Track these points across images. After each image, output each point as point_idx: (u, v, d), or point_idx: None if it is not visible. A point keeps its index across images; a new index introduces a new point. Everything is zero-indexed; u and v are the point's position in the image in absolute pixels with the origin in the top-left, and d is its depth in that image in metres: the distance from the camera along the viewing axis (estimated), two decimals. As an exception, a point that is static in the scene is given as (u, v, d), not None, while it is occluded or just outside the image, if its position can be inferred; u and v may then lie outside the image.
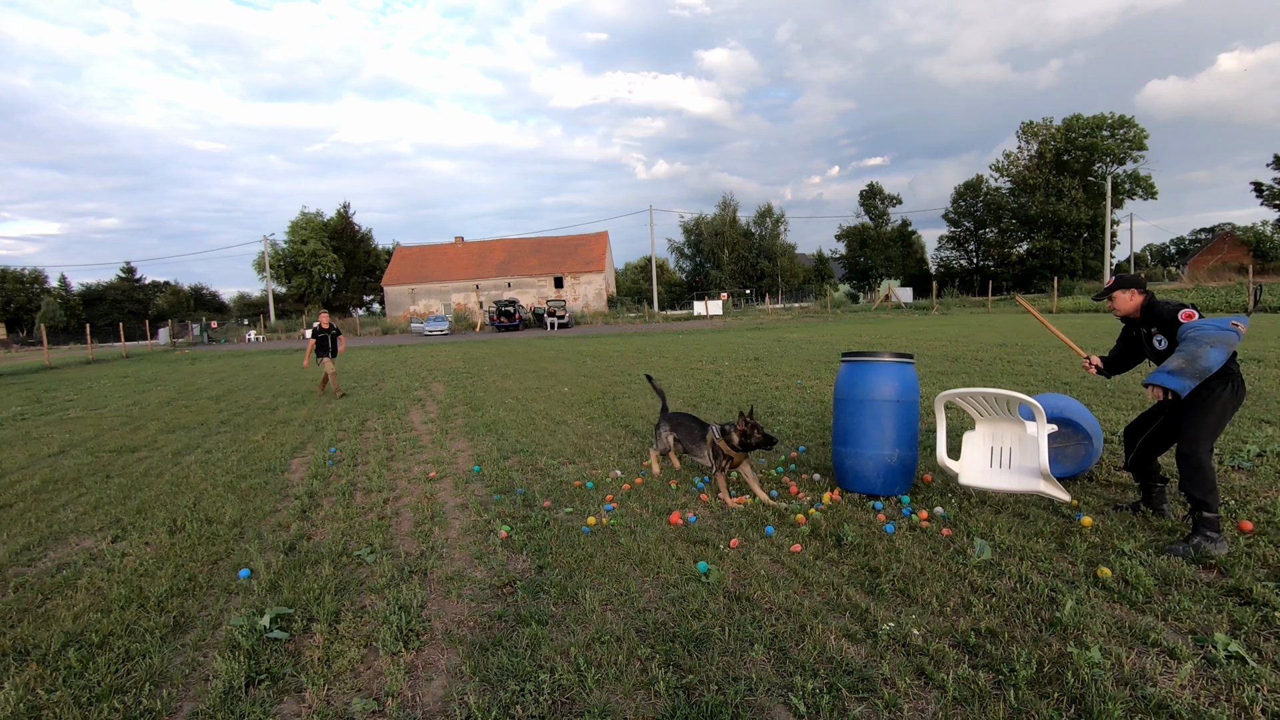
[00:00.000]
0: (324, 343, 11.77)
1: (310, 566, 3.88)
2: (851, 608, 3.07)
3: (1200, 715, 2.21)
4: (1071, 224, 55.00)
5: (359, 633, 3.08)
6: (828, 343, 18.59)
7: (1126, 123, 55.07)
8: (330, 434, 8.12)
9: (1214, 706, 2.25)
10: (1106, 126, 55.24)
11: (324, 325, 11.87)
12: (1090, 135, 55.02)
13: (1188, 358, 3.43)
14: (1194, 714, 2.22)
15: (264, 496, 5.46)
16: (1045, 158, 56.81)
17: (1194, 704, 2.27)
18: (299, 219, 64.62)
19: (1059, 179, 55.53)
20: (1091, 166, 55.70)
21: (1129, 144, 55.04)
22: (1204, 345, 3.42)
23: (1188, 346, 3.47)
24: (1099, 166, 55.55)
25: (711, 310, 49.38)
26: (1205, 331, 3.46)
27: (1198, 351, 3.41)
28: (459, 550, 4.07)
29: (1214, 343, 3.41)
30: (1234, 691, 2.33)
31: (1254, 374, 8.84)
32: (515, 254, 61.76)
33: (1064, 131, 56.15)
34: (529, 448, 6.74)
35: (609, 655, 2.76)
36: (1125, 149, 55.17)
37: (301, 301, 63.65)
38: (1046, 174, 56.18)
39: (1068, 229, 55.53)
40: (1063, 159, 56.19)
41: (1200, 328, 3.51)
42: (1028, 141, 58.54)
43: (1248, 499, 4.18)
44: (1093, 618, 2.85)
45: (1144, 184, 55.90)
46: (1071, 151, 55.87)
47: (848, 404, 4.68)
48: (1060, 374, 9.85)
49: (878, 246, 64.29)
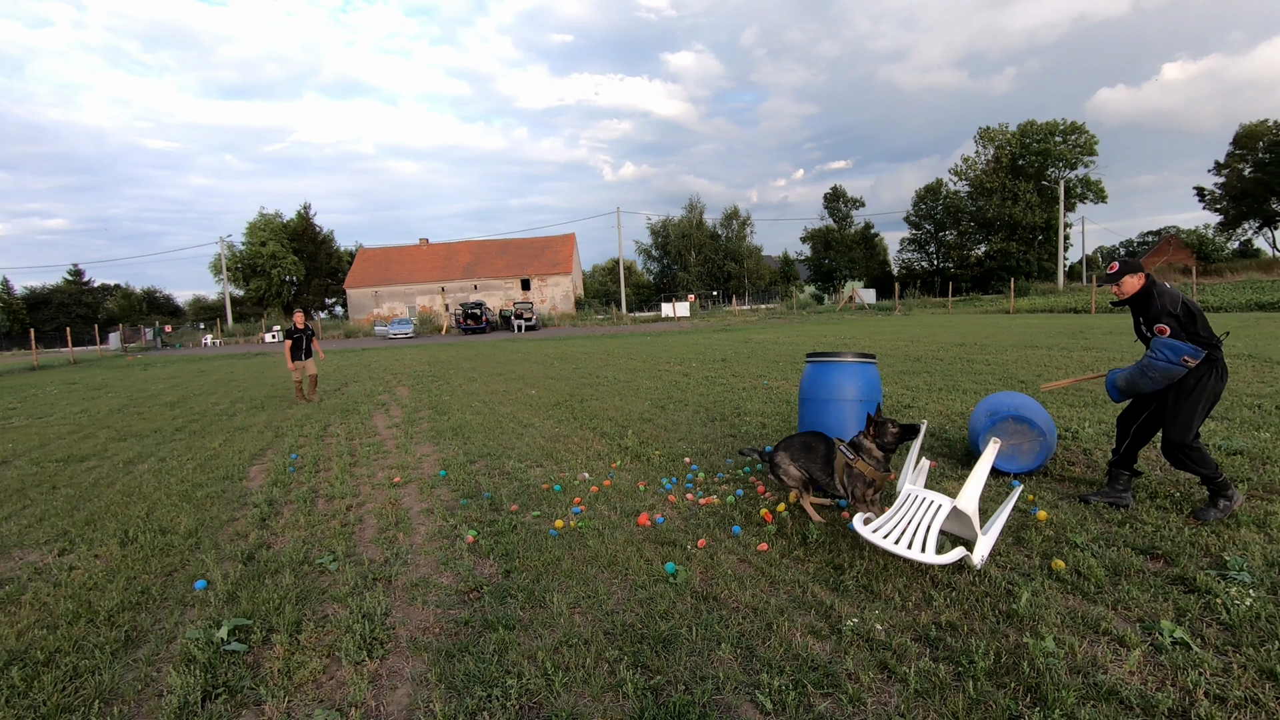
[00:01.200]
0: (298, 344, 11.23)
1: (270, 576, 3.78)
2: (817, 605, 3.12)
3: (1148, 700, 2.29)
4: (1027, 227, 56.64)
5: (321, 642, 3.02)
6: (794, 343, 18.81)
7: (1078, 129, 56.95)
8: (291, 440, 7.93)
9: (1160, 691, 2.34)
10: (1059, 132, 57.05)
11: (298, 325, 11.28)
12: (1044, 141, 56.76)
13: (1132, 383, 3.97)
14: (1142, 699, 2.30)
15: (221, 505, 5.32)
16: (1002, 162, 58.39)
17: (1142, 689, 2.36)
18: (257, 220, 63.05)
19: (1015, 183, 57.13)
20: (1045, 171, 57.43)
21: (1080, 149, 56.92)
22: (1146, 377, 3.89)
23: (1135, 372, 3.94)
24: (1052, 171, 57.31)
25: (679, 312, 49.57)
26: (1156, 364, 3.83)
27: (1141, 381, 3.93)
28: (424, 556, 4.01)
29: (1155, 377, 3.86)
30: (1179, 676, 2.43)
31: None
32: (481, 256, 61.15)
33: (1019, 137, 57.81)
34: (496, 451, 6.68)
35: (577, 658, 2.76)
36: (1077, 154, 57.03)
37: (260, 305, 62.08)
38: (1003, 178, 57.75)
39: (1023, 231, 57.16)
40: (1018, 164, 57.83)
41: (1156, 355, 3.83)
42: (985, 146, 60.11)
43: (1192, 491, 4.35)
44: (1047, 609, 2.93)
45: (1095, 188, 57.88)
46: (1026, 156, 57.53)
47: (812, 404, 4.75)
48: (1016, 372, 10.13)
49: (842, 249, 65.33)
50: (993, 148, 59.33)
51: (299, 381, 11.34)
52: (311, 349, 11.38)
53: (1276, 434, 5.55)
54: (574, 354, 19.26)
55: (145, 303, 71.78)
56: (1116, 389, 4.06)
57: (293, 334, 11.19)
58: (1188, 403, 3.84)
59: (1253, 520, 3.78)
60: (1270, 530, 3.65)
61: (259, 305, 62.15)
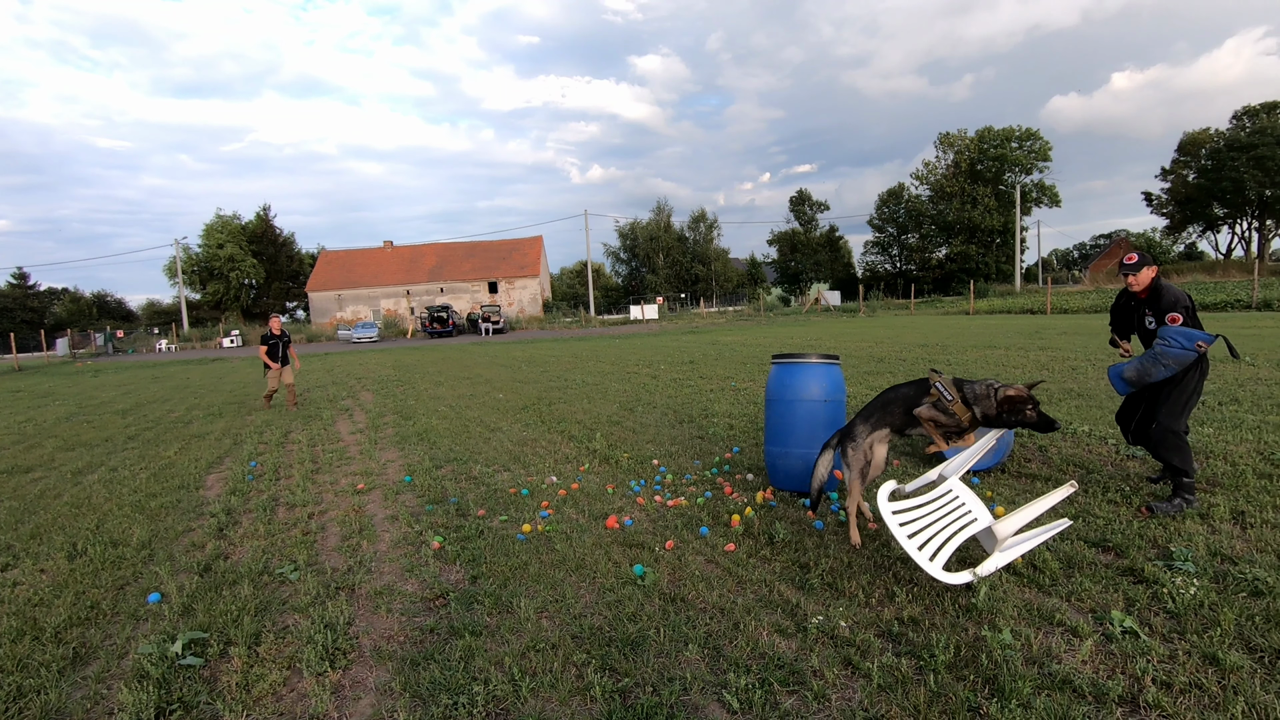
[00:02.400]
0: (274, 349, 10.66)
1: (228, 587, 3.68)
2: (783, 603, 3.15)
3: (1099, 688, 2.37)
4: (985, 230, 58.15)
5: (281, 654, 2.95)
6: (761, 345, 19.00)
7: (1033, 135, 58.70)
8: (250, 447, 7.73)
9: (1111, 679, 2.42)
10: (1015, 138, 58.73)
11: (274, 331, 10.69)
12: (1001, 146, 58.37)
13: (1141, 372, 4.02)
14: (1093, 687, 2.38)
15: (176, 515, 5.16)
16: (961, 167, 59.87)
17: (1093, 678, 2.44)
18: (214, 222, 61.36)
19: (973, 187, 58.61)
20: (1002, 176, 59.05)
21: (1035, 155, 58.68)
22: (1159, 364, 3.96)
23: (1148, 360, 4.00)
24: (1009, 176, 58.95)
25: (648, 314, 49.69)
26: (1170, 351, 3.93)
27: (1152, 369, 3.98)
28: (389, 564, 3.95)
29: (1169, 364, 3.94)
30: (1128, 664, 2.52)
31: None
32: (447, 258, 60.43)
33: (977, 142, 59.36)
34: (462, 456, 6.61)
35: (544, 663, 2.74)
36: (1032, 160, 58.79)
37: (218, 309, 60.40)
38: (962, 182, 59.20)
39: (982, 235, 58.65)
40: (976, 168, 59.35)
41: (1169, 343, 3.94)
42: (945, 151, 61.56)
43: (1140, 485, 4.51)
44: (1005, 602, 3.01)
45: (1049, 193, 59.73)
46: (984, 161, 59.09)
47: (778, 404, 4.80)
48: (976, 372, 10.38)
49: (807, 251, 66.21)
50: (952, 153, 60.80)
51: (275, 390, 10.80)
52: (288, 355, 10.86)
53: (1219, 429, 5.79)
54: (542, 357, 19.15)
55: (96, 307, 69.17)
56: (1124, 380, 4.10)
57: (268, 340, 10.62)
58: (1182, 392, 4.06)
59: (1196, 512, 3.93)
60: (1213, 521, 3.81)
61: (216, 309, 60.46)
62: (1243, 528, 3.71)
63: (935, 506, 3.37)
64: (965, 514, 3.30)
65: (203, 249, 60.40)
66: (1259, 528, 3.68)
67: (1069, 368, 10.28)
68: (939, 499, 3.42)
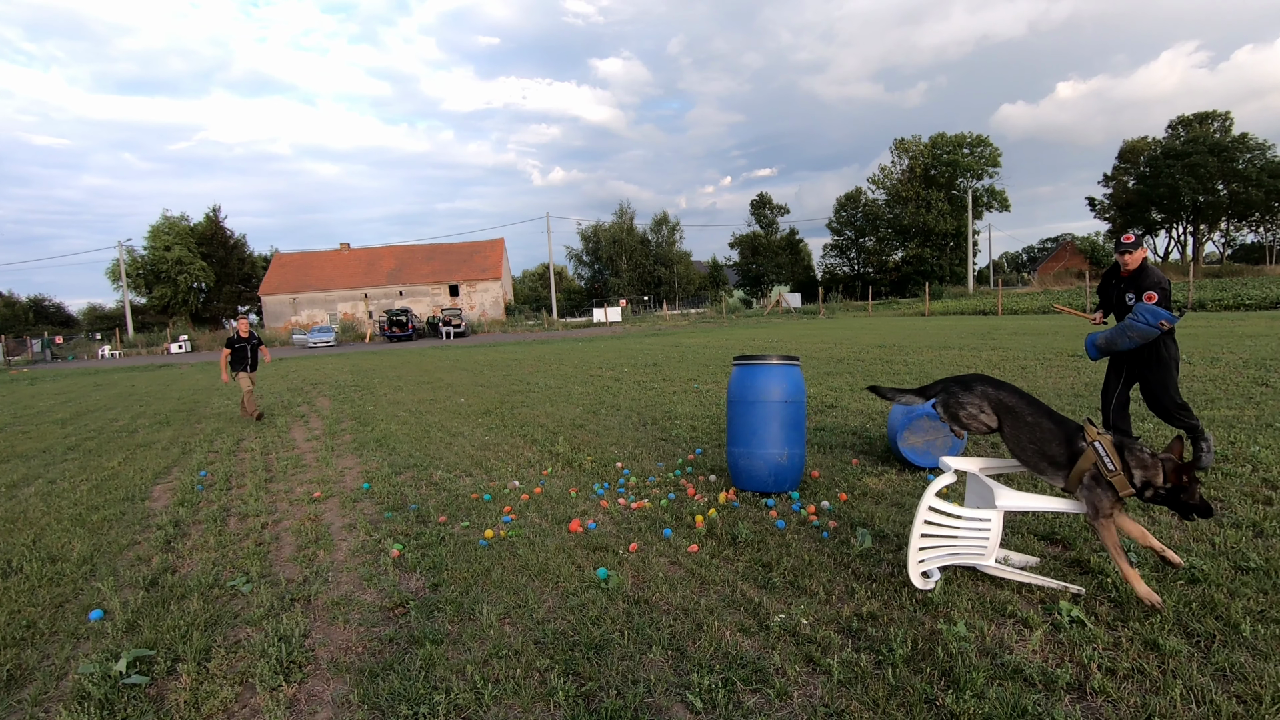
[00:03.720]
0: (241, 354, 9.91)
1: (176, 602, 3.55)
2: (745, 603, 3.18)
3: (1048, 676, 2.45)
4: (939, 233, 59.76)
5: (232, 669, 2.85)
6: (723, 347, 19.16)
7: (983, 142, 60.61)
8: (200, 456, 7.48)
9: (1059, 667, 2.51)
10: (966, 144, 60.54)
11: (241, 334, 9.92)
12: (953, 152, 60.10)
13: (1110, 341, 4.53)
14: (1043, 675, 2.46)
15: (120, 528, 4.95)
16: (915, 172, 61.43)
17: (1043, 666, 2.52)
18: (161, 223, 59.11)
19: (928, 192, 60.21)
20: (955, 181, 60.79)
21: (986, 161, 60.59)
22: (1125, 336, 4.46)
23: (1116, 332, 4.51)
24: (961, 181, 60.72)
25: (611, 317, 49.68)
26: (1136, 325, 4.42)
27: (1119, 340, 4.50)
28: (346, 573, 3.86)
29: (1133, 337, 4.45)
30: (1076, 652, 2.61)
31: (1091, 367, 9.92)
32: (407, 261, 59.45)
33: (931, 148, 60.99)
34: (423, 462, 6.50)
35: (507, 670, 2.71)
36: (983, 165, 60.68)
37: (165, 313, 58.24)
38: (917, 187, 60.75)
39: (936, 238, 60.26)
40: (930, 173, 60.98)
41: (1137, 318, 4.42)
42: (900, 157, 63.09)
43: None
44: (959, 595, 3.09)
45: (999, 198, 61.70)
46: (937, 167, 60.76)
47: (740, 405, 4.85)
48: (932, 372, 10.65)
49: (768, 254, 67.09)
50: (907, 158, 62.34)
51: (249, 392, 9.93)
52: (258, 359, 10.19)
53: (1158, 425, 6.04)
54: (504, 360, 18.98)
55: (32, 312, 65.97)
56: (1096, 348, 4.61)
57: (234, 343, 9.87)
58: (1165, 371, 4.59)
59: (1137, 504, 4.09)
60: (1153, 513, 3.97)
61: (164, 314, 58.30)
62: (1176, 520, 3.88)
63: (967, 527, 3.11)
64: (980, 547, 3.12)
65: (148, 251, 58.16)
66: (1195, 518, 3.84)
67: (1019, 367, 10.62)
68: (975, 522, 3.12)
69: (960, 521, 3.12)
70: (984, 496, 3.23)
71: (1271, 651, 2.52)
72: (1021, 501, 3.09)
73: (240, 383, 9.94)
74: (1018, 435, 3.16)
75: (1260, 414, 6.25)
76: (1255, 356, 9.84)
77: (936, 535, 3.14)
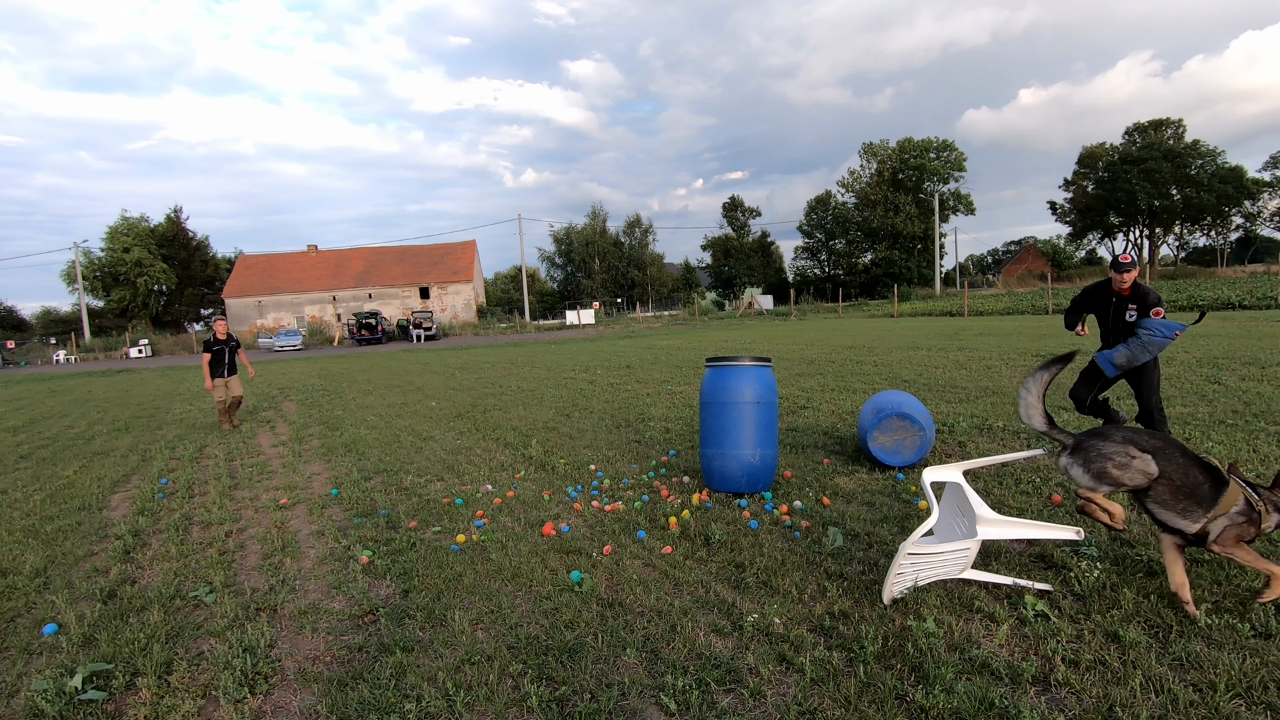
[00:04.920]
0: (219, 357, 9.44)
1: (135, 614, 3.45)
2: (719, 603, 3.19)
3: (1014, 669, 2.50)
4: (907, 236, 60.79)
5: (195, 682, 2.77)
6: (696, 349, 19.23)
7: (949, 146, 61.82)
8: (160, 464, 7.27)
9: (1025, 661, 2.56)
10: (933, 149, 61.70)
11: (219, 335, 9.51)
12: (920, 156, 61.20)
13: (1130, 357, 4.77)
14: (1010, 669, 2.51)
15: (76, 539, 4.79)
16: (884, 176, 62.40)
17: (1010, 660, 2.57)
18: (119, 224, 57.41)
19: (896, 195, 61.21)
20: (922, 185, 61.90)
21: (951, 165, 61.81)
22: (1146, 350, 4.72)
23: (1137, 345, 4.74)
24: (928, 185, 61.85)
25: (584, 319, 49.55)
26: (1155, 339, 4.68)
27: (1139, 354, 4.75)
28: (314, 581, 3.78)
29: (1153, 349, 4.72)
30: (1041, 645, 2.67)
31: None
32: (376, 263, 58.57)
33: (898, 153, 62.03)
34: (393, 467, 6.40)
35: (479, 676, 2.68)
36: (949, 170, 61.88)
37: (124, 316, 56.55)
38: (885, 191, 61.72)
39: (904, 241, 61.28)
40: (898, 177, 62.00)
41: (1154, 333, 4.68)
42: (868, 161, 64.02)
43: (1050, 475, 4.80)
44: (928, 592, 3.14)
45: (965, 201, 63.00)
46: (905, 171, 61.80)
47: (712, 407, 4.87)
48: (900, 372, 10.82)
49: (740, 256, 67.57)
50: (875, 162, 63.30)
51: (222, 401, 9.50)
52: (237, 363, 9.71)
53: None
54: (476, 363, 18.81)
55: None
56: (1114, 365, 4.87)
57: (212, 346, 9.41)
58: (1157, 374, 4.99)
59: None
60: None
61: (122, 317, 56.61)
62: (1138, 513, 4.00)
63: (947, 557, 3.06)
64: (957, 568, 3.11)
65: (106, 253, 56.45)
66: (1153, 512, 3.96)
67: (984, 367, 10.85)
68: (956, 552, 3.07)
69: (940, 555, 3.06)
70: (964, 510, 3.24)
71: (1225, 641, 2.60)
72: (1004, 531, 3.10)
73: (216, 392, 9.42)
74: (1170, 475, 2.88)
75: (1213, 411, 6.47)
76: (1208, 356, 10.19)
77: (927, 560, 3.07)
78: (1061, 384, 7.30)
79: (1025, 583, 3.15)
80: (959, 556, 3.07)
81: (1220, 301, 24.34)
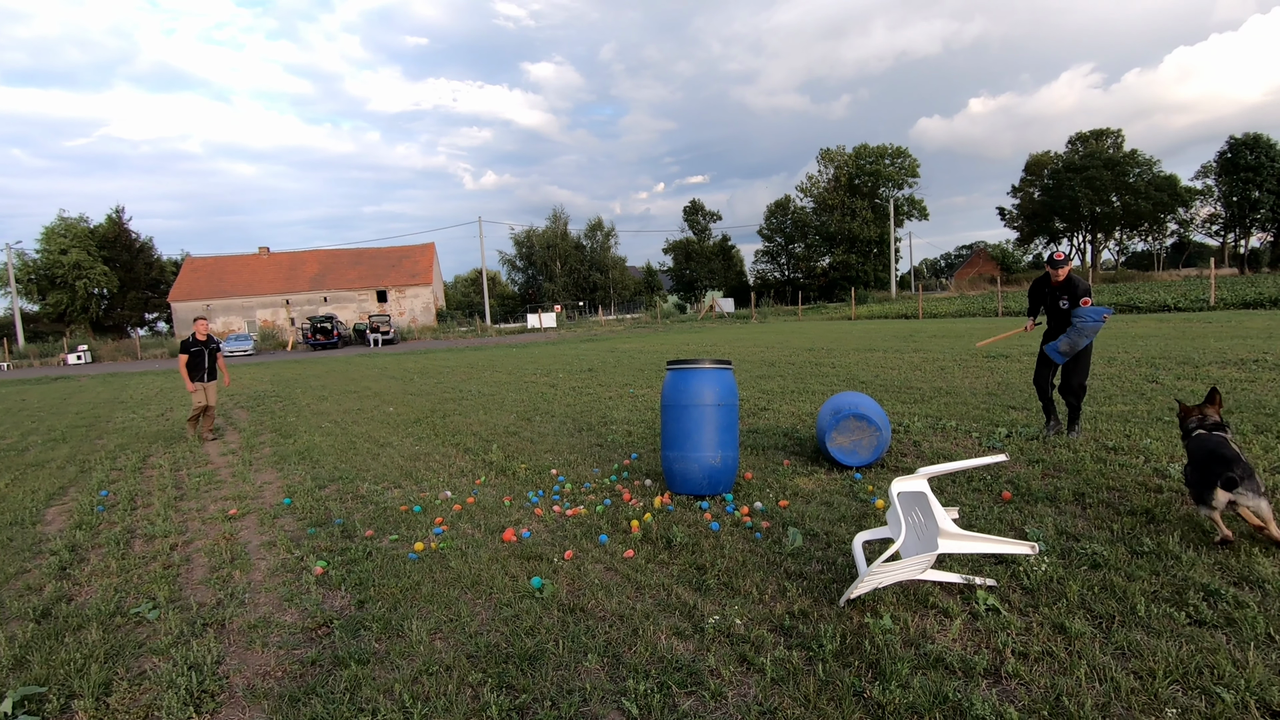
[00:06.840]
0: (199, 359, 8.79)
1: (71, 633, 3.29)
2: (681, 606, 3.19)
3: (967, 663, 2.56)
4: (864, 240, 62.07)
5: (136, 703, 2.66)
6: (658, 352, 19.28)
7: (903, 153, 63.35)
8: (100, 475, 6.96)
9: (977, 654, 2.63)
10: (888, 155, 63.16)
11: (199, 336, 8.86)
12: (875, 163, 62.59)
13: (1072, 344, 5.45)
14: (962, 663, 2.57)
15: (8, 555, 4.55)
16: (841, 181, 63.63)
17: (962, 654, 2.63)
18: (56, 225, 54.87)
19: (852, 200, 62.47)
20: (878, 190, 63.32)
21: (905, 171, 63.36)
22: (1082, 336, 5.41)
23: (1074, 333, 5.42)
24: (883, 190, 63.30)
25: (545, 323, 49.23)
26: (1086, 325, 5.38)
27: (1079, 341, 5.43)
28: (265, 594, 3.66)
29: (1088, 334, 5.41)
30: (992, 639, 2.74)
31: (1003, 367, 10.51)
32: (332, 266, 57.21)
33: (855, 158, 63.33)
34: (348, 474, 6.25)
35: (437, 686, 2.63)
36: (903, 176, 63.43)
37: (62, 321, 54.06)
38: (842, 196, 62.95)
39: (861, 245, 62.56)
40: (854, 183, 63.30)
41: (1085, 319, 5.37)
42: (826, 166, 65.22)
43: (1001, 473, 4.94)
44: (885, 589, 3.20)
45: (918, 207, 64.65)
46: (861, 176, 63.13)
47: (673, 410, 4.88)
48: (858, 374, 11.03)
49: (701, 260, 68.07)
50: (832, 168, 64.52)
51: (199, 408, 8.81)
52: (216, 368, 9.04)
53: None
54: (435, 368, 18.51)
55: (-96, 321, 60.03)
56: (1061, 353, 5.53)
57: (190, 347, 8.78)
58: (1089, 358, 5.63)
59: (1045, 496, 4.35)
60: (1059, 504, 4.23)
61: (60, 322, 54.10)
62: (1083, 507, 4.15)
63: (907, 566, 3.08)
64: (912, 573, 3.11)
65: (42, 255, 53.87)
66: (1096, 507, 4.12)
67: (938, 368, 11.14)
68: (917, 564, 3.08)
69: (904, 568, 3.06)
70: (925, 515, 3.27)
71: (1164, 629, 2.71)
72: (964, 546, 3.17)
73: (196, 395, 8.75)
74: None
75: (1151, 409, 6.75)
76: (1146, 356, 10.64)
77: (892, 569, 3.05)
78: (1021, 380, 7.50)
79: (977, 580, 3.23)
80: (919, 565, 3.12)
81: (1157, 304, 25.45)
